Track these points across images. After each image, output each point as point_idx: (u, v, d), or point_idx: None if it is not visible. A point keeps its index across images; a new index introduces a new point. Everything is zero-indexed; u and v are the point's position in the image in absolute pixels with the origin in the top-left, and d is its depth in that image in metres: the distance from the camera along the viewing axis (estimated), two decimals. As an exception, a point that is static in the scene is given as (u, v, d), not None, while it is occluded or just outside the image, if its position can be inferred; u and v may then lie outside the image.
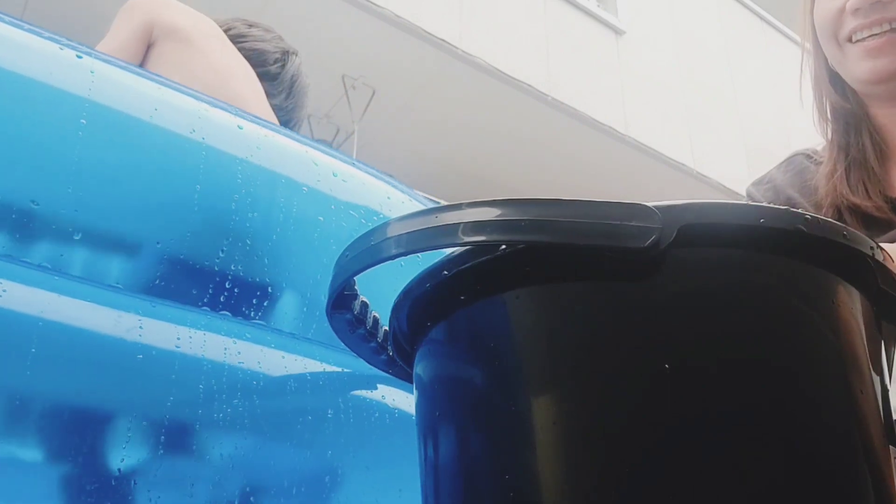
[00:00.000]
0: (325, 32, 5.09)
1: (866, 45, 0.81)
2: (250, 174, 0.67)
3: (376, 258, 0.45)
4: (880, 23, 0.80)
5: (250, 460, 0.56)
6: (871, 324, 0.44)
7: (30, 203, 0.57)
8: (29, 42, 0.64)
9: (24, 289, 0.54)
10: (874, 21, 0.80)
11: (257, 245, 0.66)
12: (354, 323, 0.56)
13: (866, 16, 0.80)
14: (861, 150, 0.89)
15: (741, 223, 0.40)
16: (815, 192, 0.91)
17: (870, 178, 0.87)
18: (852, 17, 0.82)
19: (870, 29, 0.81)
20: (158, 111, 0.66)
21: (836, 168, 0.90)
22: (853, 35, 0.82)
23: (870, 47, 0.81)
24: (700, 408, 0.38)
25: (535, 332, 0.42)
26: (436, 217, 0.42)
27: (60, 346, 0.53)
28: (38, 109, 0.61)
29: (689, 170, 6.52)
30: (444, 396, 0.46)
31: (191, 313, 0.60)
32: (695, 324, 0.40)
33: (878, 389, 0.43)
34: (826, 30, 0.86)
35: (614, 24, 6.82)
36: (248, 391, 0.58)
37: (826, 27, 0.86)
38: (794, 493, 0.37)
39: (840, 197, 0.87)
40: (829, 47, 0.87)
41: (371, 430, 0.63)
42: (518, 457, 0.40)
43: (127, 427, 0.53)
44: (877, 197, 0.85)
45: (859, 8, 0.81)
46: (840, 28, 0.83)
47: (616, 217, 0.39)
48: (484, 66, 5.56)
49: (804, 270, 0.41)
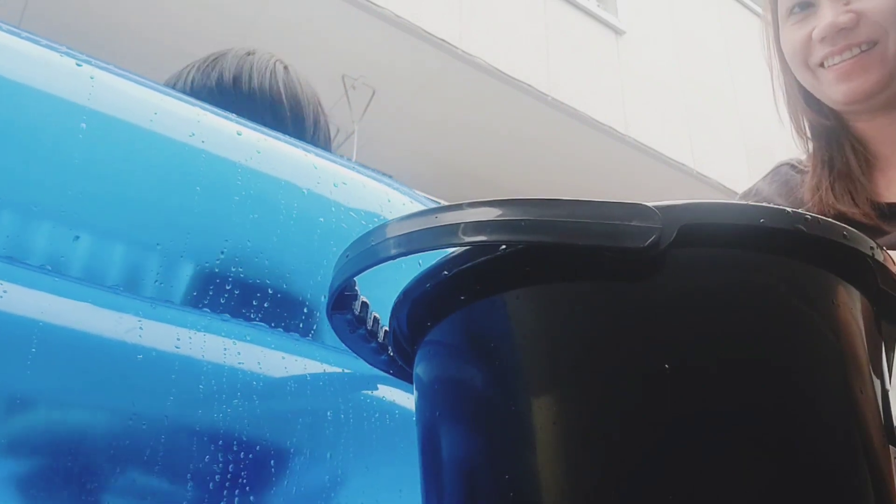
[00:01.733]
0: (325, 32, 5.09)
1: (838, 70, 0.84)
2: (250, 177, 0.68)
3: (376, 259, 0.45)
4: (849, 48, 0.82)
5: (250, 460, 0.56)
6: (871, 324, 0.44)
7: (30, 206, 0.57)
8: (28, 51, 0.65)
9: (24, 290, 0.54)
10: (842, 47, 0.83)
11: (257, 246, 0.66)
12: (355, 323, 0.56)
13: (834, 43, 0.83)
14: (845, 163, 0.90)
15: (741, 223, 0.40)
16: (802, 204, 0.92)
17: (856, 187, 0.89)
18: (821, 46, 0.84)
19: (840, 55, 0.83)
20: (158, 116, 0.67)
21: (821, 182, 0.91)
22: (824, 61, 0.84)
23: (842, 71, 0.83)
24: (700, 408, 0.38)
25: (535, 332, 0.42)
26: (436, 217, 0.42)
27: (60, 347, 0.53)
28: (38, 115, 0.61)
29: (689, 170, 6.53)
30: (443, 396, 0.46)
31: (191, 315, 0.60)
32: (695, 324, 0.40)
33: (879, 390, 0.43)
34: (797, 57, 0.88)
35: (614, 25, 6.82)
36: (247, 392, 0.58)
37: (796, 55, 0.88)
38: (794, 494, 0.37)
39: (827, 207, 0.88)
40: (801, 73, 0.89)
41: (371, 431, 0.63)
42: (518, 457, 0.40)
43: (127, 427, 0.53)
44: (864, 204, 0.87)
45: (825, 37, 0.83)
46: (810, 55, 0.86)
47: (616, 217, 0.39)
48: (484, 66, 5.56)
49: (804, 270, 0.41)
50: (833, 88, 0.85)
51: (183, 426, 0.54)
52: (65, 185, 0.59)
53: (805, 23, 0.87)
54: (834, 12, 0.82)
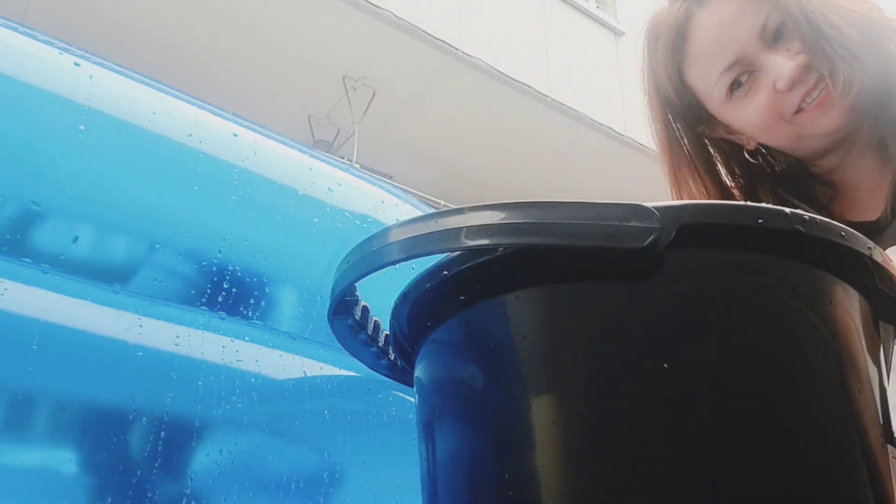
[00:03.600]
0: (326, 33, 5.09)
1: (819, 103, 0.86)
2: (246, 178, 0.68)
3: (378, 264, 0.45)
4: (821, 80, 0.85)
5: (249, 457, 0.56)
6: (868, 324, 0.44)
7: (31, 204, 0.57)
8: (29, 48, 0.65)
9: (24, 288, 0.54)
10: (816, 80, 0.85)
11: (254, 246, 0.66)
12: (356, 328, 0.56)
13: (806, 82, 0.85)
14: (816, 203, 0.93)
15: (740, 223, 0.40)
16: None
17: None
18: (793, 92, 0.86)
19: (817, 88, 0.86)
20: (156, 115, 0.67)
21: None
22: (801, 105, 0.86)
23: (822, 103, 0.86)
24: (698, 407, 0.38)
25: (534, 332, 0.42)
26: (436, 222, 0.42)
27: (61, 345, 0.53)
28: (38, 114, 0.61)
29: (688, 170, 6.51)
30: (444, 396, 0.46)
31: (189, 313, 0.60)
32: (693, 324, 0.40)
33: (877, 389, 0.43)
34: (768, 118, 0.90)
35: (613, 26, 6.82)
36: (246, 389, 0.58)
37: (766, 117, 0.90)
38: (794, 493, 0.37)
39: None
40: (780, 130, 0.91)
41: (368, 427, 0.63)
42: (518, 457, 0.40)
43: (126, 424, 0.53)
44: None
45: (795, 80, 0.85)
46: (784, 109, 0.88)
47: (615, 217, 0.39)
48: (484, 66, 5.56)
49: (802, 270, 0.41)
50: (818, 124, 0.88)
51: (182, 422, 0.55)
52: (63, 184, 0.59)
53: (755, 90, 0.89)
54: (787, 59, 0.85)
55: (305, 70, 5.22)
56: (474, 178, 6.32)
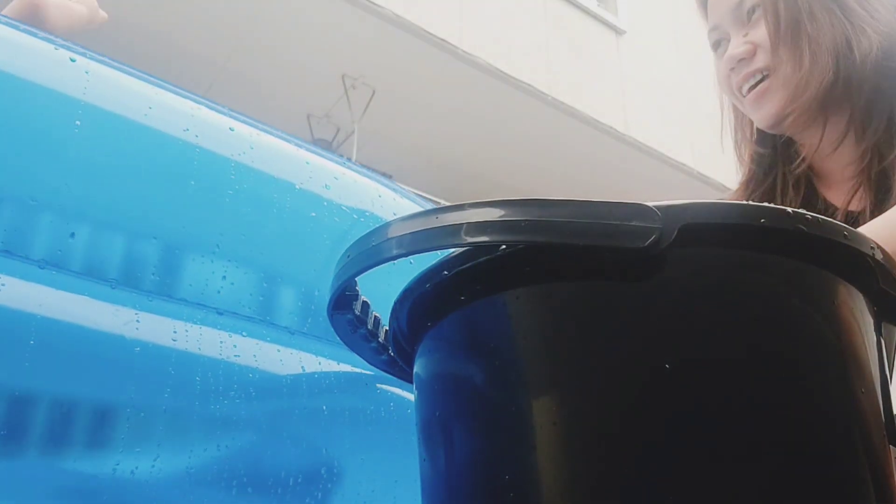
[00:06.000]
0: (325, 32, 5.08)
1: (751, 97, 0.90)
2: (243, 172, 0.68)
3: (378, 259, 0.45)
4: (752, 75, 0.88)
5: (247, 453, 0.56)
6: (871, 324, 0.44)
7: (28, 200, 0.57)
8: (25, 43, 0.64)
9: (22, 284, 0.54)
10: (746, 76, 0.88)
11: (251, 240, 0.66)
12: (356, 323, 0.56)
13: (738, 73, 0.89)
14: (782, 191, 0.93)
15: (742, 223, 0.40)
16: None
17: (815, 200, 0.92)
18: (733, 75, 0.90)
19: (746, 82, 0.89)
20: (152, 110, 0.67)
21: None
22: (741, 89, 0.90)
23: (753, 98, 0.89)
24: (700, 407, 0.38)
25: (535, 331, 0.42)
26: (437, 218, 0.42)
27: (58, 340, 0.53)
28: (34, 109, 0.61)
29: (689, 170, 6.52)
30: (443, 396, 0.46)
31: (187, 308, 0.60)
32: (695, 323, 0.39)
33: (879, 389, 0.43)
34: (724, 86, 0.95)
35: (614, 24, 6.82)
36: (244, 384, 0.58)
37: (723, 85, 0.94)
38: (795, 493, 0.37)
39: None
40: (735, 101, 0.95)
41: (366, 422, 0.63)
42: (518, 457, 0.40)
43: (124, 420, 0.53)
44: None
45: (733, 67, 0.89)
46: (732, 84, 0.92)
47: (616, 217, 0.39)
48: (484, 65, 5.56)
49: (805, 270, 0.41)
50: (754, 115, 0.92)
51: (180, 416, 0.55)
52: (60, 179, 0.59)
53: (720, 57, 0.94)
54: (735, 44, 0.89)
55: (304, 68, 5.21)
56: (474, 177, 6.32)
